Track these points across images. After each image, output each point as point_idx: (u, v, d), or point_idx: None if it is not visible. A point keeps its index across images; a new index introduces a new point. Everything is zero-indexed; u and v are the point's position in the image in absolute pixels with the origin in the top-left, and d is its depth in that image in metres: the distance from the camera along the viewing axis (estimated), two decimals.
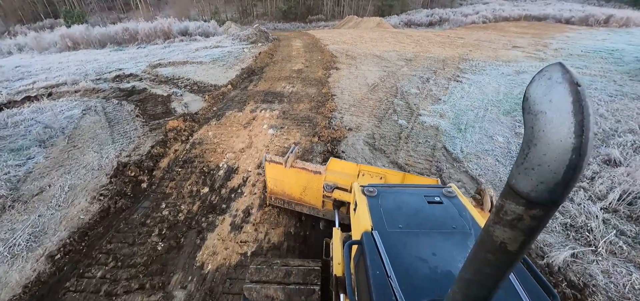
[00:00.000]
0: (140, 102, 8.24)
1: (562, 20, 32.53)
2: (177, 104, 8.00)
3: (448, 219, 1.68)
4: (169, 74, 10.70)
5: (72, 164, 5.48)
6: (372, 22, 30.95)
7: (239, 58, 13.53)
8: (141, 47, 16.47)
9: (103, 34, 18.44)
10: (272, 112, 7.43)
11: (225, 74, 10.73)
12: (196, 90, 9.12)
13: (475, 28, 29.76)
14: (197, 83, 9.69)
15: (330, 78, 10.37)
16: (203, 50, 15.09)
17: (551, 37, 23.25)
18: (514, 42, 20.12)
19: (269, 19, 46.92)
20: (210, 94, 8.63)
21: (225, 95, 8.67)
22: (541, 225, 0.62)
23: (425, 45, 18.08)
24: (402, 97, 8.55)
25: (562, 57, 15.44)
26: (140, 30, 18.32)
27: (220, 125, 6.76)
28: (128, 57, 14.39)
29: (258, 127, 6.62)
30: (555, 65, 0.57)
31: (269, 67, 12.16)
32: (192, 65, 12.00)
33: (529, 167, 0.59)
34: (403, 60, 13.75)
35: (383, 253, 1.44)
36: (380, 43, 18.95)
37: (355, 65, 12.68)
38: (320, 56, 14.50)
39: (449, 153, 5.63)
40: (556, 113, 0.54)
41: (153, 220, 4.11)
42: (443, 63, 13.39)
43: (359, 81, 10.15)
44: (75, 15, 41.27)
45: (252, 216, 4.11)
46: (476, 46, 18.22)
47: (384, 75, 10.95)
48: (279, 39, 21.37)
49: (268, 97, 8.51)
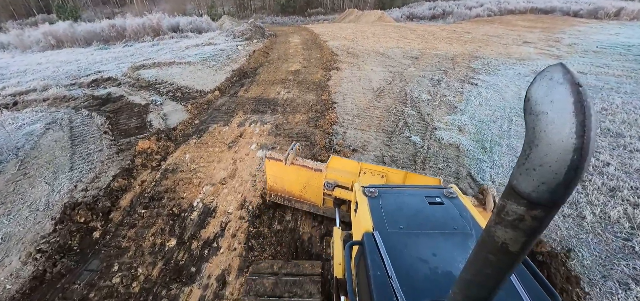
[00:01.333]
0: (114, 113, 7.13)
1: (570, 13, 31.07)
2: (155, 116, 6.89)
3: (449, 220, 1.66)
4: (151, 77, 9.55)
5: (16, 201, 4.41)
6: (373, 15, 29.51)
7: (232, 57, 12.34)
8: (128, 45, 15.23)
9: (89, 31, 17.16)
10: (263, 125, 6.32)
11: (214, 77, 9.57)
12: (179, 97, 7.99)
13: (481, 21, 28.34)
14: (182, 88, 8.55)
15: (331, 82, 9.23)
16: (193, 48, 13.88)
17: (561, 31, 21.95)
18: (524, 37, 18.85)
19: (267, 13, 45.30)
20: (194, 103, 7.51)
21: (211, 104, 7.55)
22: (542, 226, 0.61)
23: (431, 41, 16.83)
24: (412, 105, 7.42)
25: (577, 53, 14.24)
26: (128, 27, 17.02)
27: (200, 144, 5.67)
28: (112, 56, 13.20)
29: (245, 147, 5.52)
30: (556, 66, 0.57)
31: (263, 68, 10.99)
32: (179, 66, 10.83)
33: (530, 168, 0.58)
34: (409, 59, 12.56)
35: (384, 253, 1.42)
36: (383, 39, 17.69)
37: (357, 64, 11.51)
38: (320, 54, 13.31)
39: (477, 184, 4.55)
40: (557, 114, 0.53)
41: (98, 293, 3.06)
42: (452, 61, 12.20)
43: (362, 84, 9.01)
44: (68, 10, 39.74)
45: (229, 286, 3.06)
46: (485, 42, 16.97)
47: (389, 77, 9.79)
48: (275, 34, 20.08)
49: (260, 105, 7.39)
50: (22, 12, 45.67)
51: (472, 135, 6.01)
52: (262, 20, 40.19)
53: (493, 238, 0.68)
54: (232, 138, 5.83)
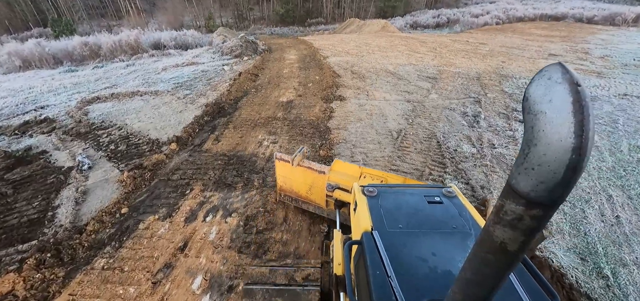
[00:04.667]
0: (16, 187, 4.66)
1: (583, 20, 28.53)
2: (70, 195, 4.41)
3: (448, 219, 1.58)
4: (100, 117, 7.11)
5: None
6: (375, 25, 27.08)
7: (212, 82, 9.88)
8: (98, 66, 12.82)
9: (61, 49, 14.80)
10: (225, 221, 3.80)
11: (180, 116, 7.10)
12: (120, 154, 5.51)
13: (491, 30, 25.81)
14: (130, 136, 6.09)
15: (333, 122, 6.74)
16: (172, 69, 11.45)
17: (583, 40, 19.40)
18: (547, 49, 16.32)
19: (266, 23, 43.05)
20: (135, 167, 5.03)
21: (160, 168, 5.06)
22: (541, 225, 0.59)
23: (446, 56, 14.32)
24: (454, 167, 4.91)
25: (616, 68, 11.70)
26: (104, 44, 14.64)
27: (110, 272, 3.16)
28: (73, 82, 10.79)
29: (183, 282, 3.01)
30: (555, 65, 0.54)
31: (248, 98, 8.52)
32: (143, 98, 8.38)
33: (528, 167, 0.56)
34: (426, 80, 10.07)
35: (383, 253, 1.35)
36: (391, 53, 15.21)
37: (365, 89, 9.03)
38: (319, 76, 10.84)
39: None
40: (556, 113, 0.51)
41: None
42: (480, 83, 9.70)
43: (375, 125, 6.53)
44: (63, 24, 37.66)
45: None
46: (506, 55, 14.46)
47: (408, 111, 7.30)
48: (270, 49, 17.67)
49: (229, 170, 4.89)
50: (20, 26, 43.73)
51: (567, 239, 3.48)
52: (260, 31, 37.92)
53: (492, 237, 0.66)
54: (168, 254, 3.31)
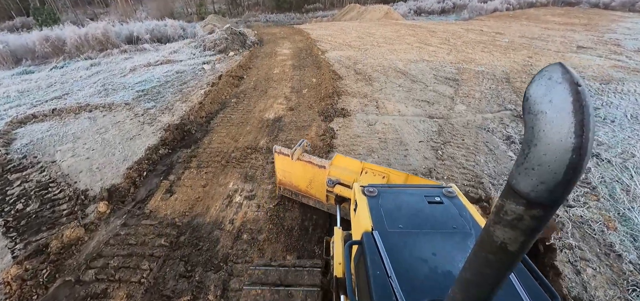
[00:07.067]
0: None
1: (599, 5, 26.11)
2: None
3: (448, 219, 1.54)
4: (25, 148, 5.22)
5: None
6: (377, 11, 24.61)
7: (185, 88, 7.91)
8: (58, 66, 10.73)
9: (21, 45, 12.64)
10: None
11: (128, 147, 5.20)
12: (25, 222, 3.65)
13: (503, 17, 23.42)
14: (51, 185, 4.22)
15: (335, 151, 4.88)
16: (141, 70, 9.42)
17: (608, 28, 17.22)
18: (571, 39, 14.21)
19: (261, 10, 40.08)
20: (39, 250, 3.21)
21: (72, 255, 3.23)
22: (541, 225, 0.58)
23: (462, 49, 12.26)
24: None
25: None
26: (68, 39, 12.45)
27: None
28: (23, 88, 8.77)
29: None
30: (555, 65, 0.53)
31: (224, 115, 6.59)
32: (92, 113, 6.44)
33: (529, 167, 0.55)
34: (445, 82, 8.14)
35: (383, 253, 1.32)
36: (399, 45, 13.11)
37: (373, 98, 7.12)
38: (316, 78, 8.87)
39: None
40: (556, 113, 0.50)
41: None
42: (511, 87, 7.79)
43: (392, 159, 4.68)
44: (46, 13, 34.74)
45: None
46: (530, 48, 12.40)
47: (433, 133, 5.44)
48: (261, 41, 15.47)
49: (172, 270, 3.07)
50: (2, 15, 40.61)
51: None
52: (255, 18, 35.11)
53: (492, 237, 0.65)
54: None
